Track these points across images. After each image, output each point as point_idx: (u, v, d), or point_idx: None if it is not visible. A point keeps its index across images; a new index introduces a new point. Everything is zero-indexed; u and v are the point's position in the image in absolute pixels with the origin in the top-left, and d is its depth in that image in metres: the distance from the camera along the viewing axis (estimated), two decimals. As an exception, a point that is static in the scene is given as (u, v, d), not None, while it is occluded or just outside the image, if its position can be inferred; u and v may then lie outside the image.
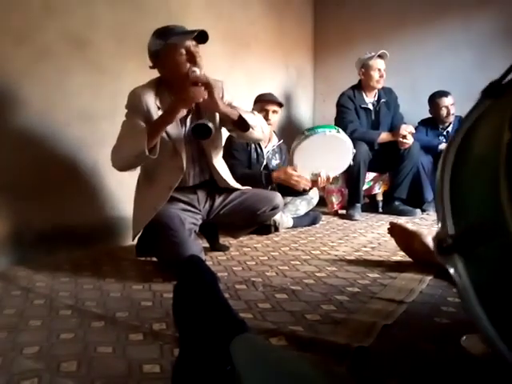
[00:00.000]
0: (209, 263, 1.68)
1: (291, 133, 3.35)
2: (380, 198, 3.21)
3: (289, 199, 2.59)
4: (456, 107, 3.02)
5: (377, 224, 2.63)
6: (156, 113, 1.63)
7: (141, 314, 1.18)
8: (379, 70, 2.94)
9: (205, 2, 2.68)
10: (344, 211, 2.97)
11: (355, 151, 2.72)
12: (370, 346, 0.93)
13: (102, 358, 0.92)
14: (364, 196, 3.02)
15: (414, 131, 2.91)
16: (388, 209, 3.01)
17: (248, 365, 0.68)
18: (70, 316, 1.18)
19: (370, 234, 2.31)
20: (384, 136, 2.92)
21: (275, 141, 2.69)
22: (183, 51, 1.59)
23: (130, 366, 0.88)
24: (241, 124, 1.68)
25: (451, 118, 3.07)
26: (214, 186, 1.82)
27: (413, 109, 3.23)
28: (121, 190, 2.13)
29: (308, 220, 2.63)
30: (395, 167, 2.95)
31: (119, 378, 0.84)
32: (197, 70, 1.54)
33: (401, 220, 2.57)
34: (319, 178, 2.51)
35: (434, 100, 3.08)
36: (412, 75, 3.42)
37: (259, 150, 2.55)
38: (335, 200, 3.04)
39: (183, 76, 1.57)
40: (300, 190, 2.45)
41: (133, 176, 1.80)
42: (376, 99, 3.05)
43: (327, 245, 2.05)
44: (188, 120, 1.72)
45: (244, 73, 3.02)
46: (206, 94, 1.53)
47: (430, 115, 3.16)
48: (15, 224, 1.78)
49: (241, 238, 2.15)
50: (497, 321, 0.45)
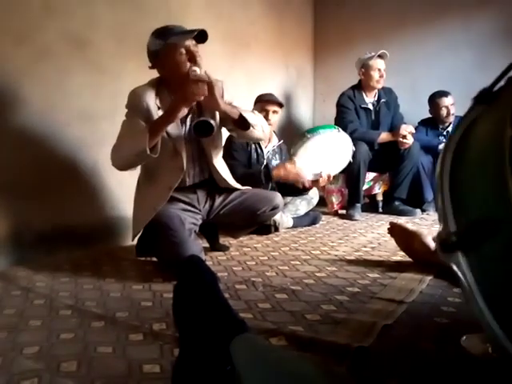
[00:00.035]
0: (209, 263, 1.68)
1: (291, 133, 3.36)
2: (380, 198, 3.21)
3: (289, 199, 2.60)
4: (456, 107, 3.02)
5: (377, 224, 2.63)
6: (156, 112, 1.63)
7: (141, 314, 1.18)
8: (379, 70, 2.95)
9: (205, 2, 2.68)
10: (344, 211, 2.97)
11: (355, 151, 2.73)
12: (370, 346, 0.93)
13: (102, 358, 0.92)
14: (364, 196, 3.02)
15: (414, 131, 2.91)
16: (388, 209, 3.01)
17: (248, 365, 0.68)
18: (70, 316, 1.18)
19: (370, 234, 2.31)
20: (384, 136, 2.92)
21: (275, 141, 2.69)
22: (183, 51, 1.59)
23: (130, 366, 0.88)
24: (241, 123, 1.68)
25: (451, 118, 3.07)
26: (214, 186, 1.82)
27: (413, 109, 3.23)
28: (121, 190, 2.13)
29: (308, 220, 2.63)
30: (395, 167, 2.95)
31: (119, 378, 0.84)
32: (197, 70, 1.54)
33: (401, 220, 2.57)
34: (320, 179, 2.51)
35: (434, 100, 3.08)
36: (412, 75, 3.42)
37: (259, 151, 2.55)
38: (335, 200, 3.04)
39: (183, 75, 1.56)
40: (300, 186, 2.45)
41: (133, 176, 1.80)
42: (376, 99, 3.05)
43: (327, 245, 2.06)
44: (188, 119, 1.72)
45: (244, 73, 3.02)
46: (207, 92, 1.54)
47: (430, 115, 3.16)
48: (15, 224, 1.78)
49: (241, 238, 2.15)
50: (502, 318, 0.45)
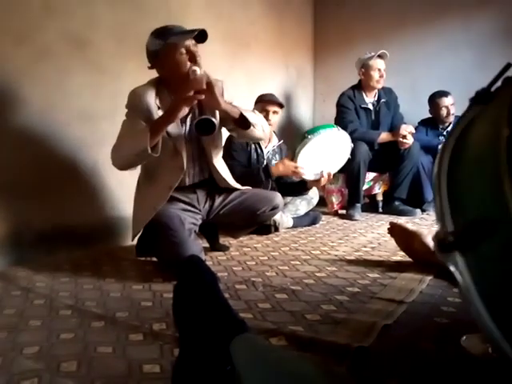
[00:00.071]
0: (209, 263, 1.68)
1: (291, 133, 3.36)
2: (380, 198, 3.21)
3: (289, 199, 2.60)
4: (456, 107, 3.01)
5: (377, 224, 2.63)
6: (156, 112, 1.63)
7: (141, 314, 1.18)
8: (379, 70, 2.94)
9: (205, 2, 2.68)
10: (344, 211, 2.96)
11: (355, 151, 2.74)
12: (370, 346, 0.93)
13: (102, 358, 0.92)
14: (364, 196, 3.02)
15: (414, 131, 2.91)
16: (388, 209, 3.01)
17: (248, 365, 0.68)
18: (70, 316, 1.18)
19: (370, 234, 2.31)
20: (384, 136, 2.92)
21: (275, 141, 2.69)
22: (183, 50, 1.59)
23: (130, 366, 0.88)
24: (242, 122, 1.68)
25: (451, 118, 3.06)
26: (214, 186, 1.82)
27: (413, 109, 3.23)
28: (121, 190, 2.13)
29: (308, 220, 2.63)
30: (395, 167, 2.94)
31: (119, 378, 0.84)
32: (197, 69, 1.54)
33: (401, 220, 2.57)
34: (322, 178, 2.51)
35: (434, 100, 3.08)
36: (412, 75, 3.42)
37: (259, 151, 2.55)
38: (335, 200, 3.04)
39: (184, 75, 1.57)
40: (300, 180, 2.46)
41: (133, 176, 1.80)
42: (376, 99, 3.05)
43: (327, 245, 2.06)
44: (188, 119, 1.72)
45: (244, 73, 3.02)
46: (209, 92, 1.54)
47: (430, 115, 3.16)
48: (15, 224, 1.78)
49: (241, 238, 2.15)
50: (500, 319, 0.45)
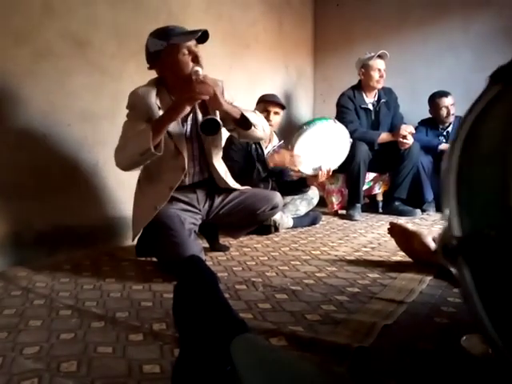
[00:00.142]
0: (209, 263, 1.68)
1: (291, 133, 3.35)
2: (380, 198, 3.21)
3: (289, 199, 2.60)
4: (456, 107, 3.02)
5: (377, 224, 2.63)
6: (157, 112, 1.63)
7: (141, 315, 1.18)
8: (379, 70, 2.94)
9: (205, 3, 2.68)
10: (344, 211, 2.97)
11: (355, 151, 2.74)
12: (370, 346, 0.93)
13: (102, 358, 0.92)
14: (364, 196, 3.02)
15: (414, 131, 2.91)
16: (388, 209, 3.01)
17: (248, 365, 0.68)
18: (70, 316, 1.18)
19: (370, 235, 2.31)
20: (384, 136, 2.92)
21: (276, 141, 2.70)
22: (185, 51, 1.60)
23: (130, 366, 0.88)
24: (243, 123, 1.68)
25: (451, 119, 3.07)
26: (213, 186, 1.82)
27: (413, 109, 3.23)
28: (121, 190, 2.13)
29: (308, 220, 2.63)
30: (395, 167, 2.94)
31: (119, 378, 0.84)
32: (199, 70, 1.55)
33: (401, 220, 2.57)
34: (320, 172, 2.51)
35: (434, 100, 3.08)
36: (412, 75, 3.42)
37: (259, 151, 2.54)
38: (335, 200, 3.04)
39: (186, 75, 1.57)
40: (296, 170, 2.48)
41: (133, 176, 1.80)
42: (376, 99, 3.05)
43: (327, 245, 2.06)
44: (189, 119, 1.72)
45: (244, 73, 3.02)
46: (212, 92, 1.54)
47: (430, 115, 3.16)
48: (15, 224, 1.78)
49: (241, 239, 2.15)
50: (501, 326, 0.45)
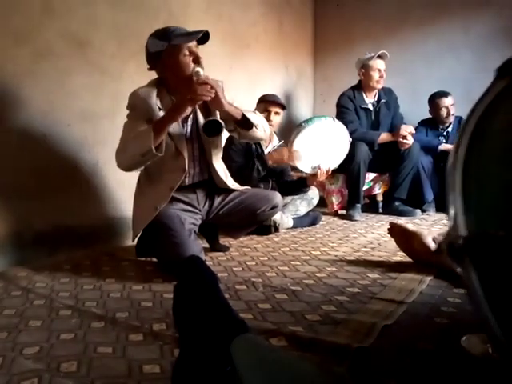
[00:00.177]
0: (209, 263, 1.68)
1: (291, 133, 3.35)
2: (380, 199, 3.21)
3: (289, 199, 2.60)
4: (456, 108, 3.02)
5: (377, 224, 2.63)
6: (157, 113, 1.63)
7: (141, 315, 1.18)
8: (379, 71, 2.94)
9: (205, 3, 2.68)
10: (344, 212, 2.96)
11: (355, 151, 2.74)
12: (370, 347, 0.93)
13: (102, 359, 0.92)
14: (364, 196, 3.02)
15: (414, 131, 2.91)
16: (388, 209, 3.00)
17: (248, 365, 0.68)
18: (70, 316, 1.18)
19: (370, 235, 2.31)
20: (384, 136, 2.92)
21: (276, 141, 2.70)
22: (186, 52, 1.60)
23: (130, 367, 0.88)
24: (244, 123, 1.68)
25: (451, 119, 3.07)
26: (213, 186, 1.82)
27: (413, 109, 3.23)
28: (121, 190, 2.13)
29: (308, 220, 2.63)
30: (395, 167, 2.94)
31: (119, 379, 0.84)
32: (200, 71, 1.55)
33: (401, 220, 2.57)
34: (319, 171, 2.51)
35: (434, 100, 3.08)
36: (412, 76, 3.42)
37: (260, 151, 2.55)
38: (335, 200, 3.04)
39: (187, 76, 1.57)
40: (295, 166, 2.47)
41: (133, 176, 1.80)
42: (376, 99, 3.05)
43: (327, 245, 2.06)
44: (189, 120, 1.72)
45: (244, 73, 3.02)
46: (214, 93, 1.54)
47: (430, 115, 3.16)
48: (15, 224, 1.78)
49: (241, 239, 2.15)
50: (507, 327, 0.44)
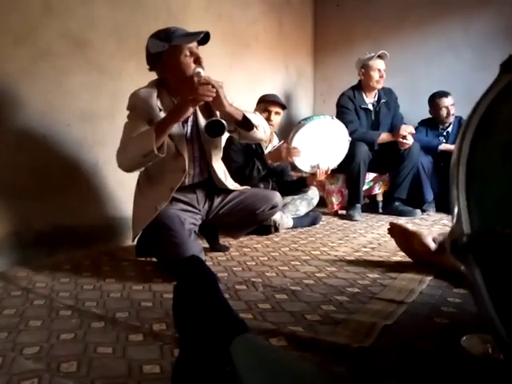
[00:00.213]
0: (209, 263, 1.68)
1: (291, 131, 3.35)
2: (380, 199, 3.21)
3: (289, 199, 2.60)
4: (456, 107, 3.02)
5: (377, 224, 2.63)
6: (158, 114, 1.63)
7: (141, 315, 1.18)
8: (379, 71, 2.94)
9: (205, 2, 2.68)
10: (344, 212, 2.96)
11: (355, 151, 2.74)
12: (370, 347, 0.93)
13: (102, 359, 0.92)
14: (364, 196, 3.02)
15: (414, 131, 2.91)
16: (388, 209, 3.00)
17: (248, 365, 0.68)
18: (70, 316, 1.18)
19: (370, 235, 2.31)
20: (384, 136, 2.92)
21: (276, 141, 2.70)
22: (187, 52, 1.60)
23: (130, 367, 0.88)
24: (244, 124, 1.68)
25: (451, 119, 3.07)
26: (213, 186, 1.82)
27: (413, 109, 3.23)
28: (121, 190, 2.13)
29: (308, 220, 2.63)
30: (395, 167, 2.94)
31: (119, 379, 0.84)
32: (201, 71, 1.54)
33: (401, 220, 2.57)
34: (318, 170, 2.51)
35: (434, 100, 3.08)
36: (412, 75, 3.42)
37: (260, 151, 2.54)
38: (335, 200, 3.04)
39: (188, 77, 1.57)
40: (293, 163, 2.47)
41: (133, 176, 1.79)
42: (376, 99, 3.05)
43: (327, 245, 2.05)
44: (189, 120, 1.72)
45: (244, 73, 3.02)
46: (215, 93, 1.54)
47: (430, 115, 3.16)
48: (15, 224, 1.78)
49: (241, 239, 2.15)
50: (511, 326, 0.44)
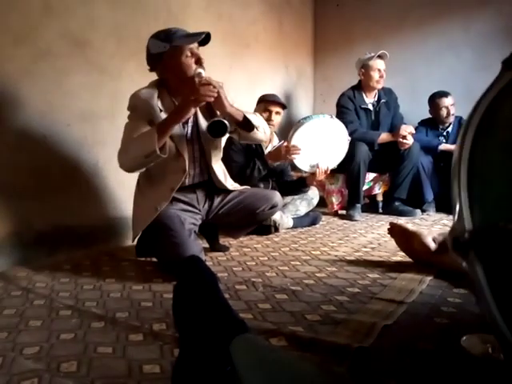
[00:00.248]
0: (209, 263, 1.68)
1: (290, 130, 3.35)
2: (380, 199, 3.21)
3: (289, 199, 2.60)
4: (456, 107, 3.02)
5: (377, 224, 2.63)
6: (159, 114, 1.63)
7: (141, 315, 1.18)
8: (379, 71, 2.94)
9: (205, 2, 2.68)
10: (344, 212, 2.96)
11: (355, 151, 2.74)
12: (370, 347, 0.93)
13: (102, 359, 0.92)
14: (364, 196, 3.02)
15: (414, 131, 2.91)
16: (388, 209, 3.00)
17: (248, 365, 0.68)
18: (70, 316, 1.18)
19: (370, 235, 2.31)
20: (384, 136, 2.91)
21: (276, 141, 2.70)
22: (189, 53, 1.60)
23: (130, 367, 0.88)
24: (245, 125, 1.68)
25: (451, 119, 3.07)
26: (213, 186, 1.82)
27: (413, 109, 3.23)
28: (121, 190, 2.13)
29: (308, 220, 2.62)
30: (395, 167, 2.94)
31: (119, 379, 0.84)
32: (202, 72, 1.55)
33: (401, 220, 2.57)
34: (317, 169, 2.51)
35: (434, 100, 3.08)
36: (412, 75, 3.42)
37: (260, 151, 2.54)
38: (335, 200, 3.04)
39: (189, 77, 1.57)
40: (293, 161, 2.48)
41: (133, 176, 1.79)
42: (376, 99, 3.05)
43: (327, 245, 2.05)
44: (190, 121, 1.72)
45: (244, 73, 3.02)
46: (216, 94, 1.54)
47: (430, 115, 3.16)
48: (15, 224, 1.78)
49: (241, 239, 2.15)
50: None
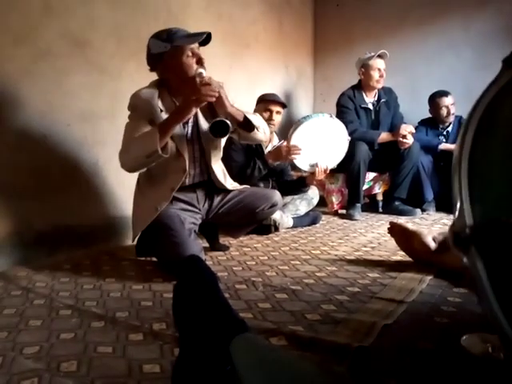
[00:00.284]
0: (209, 263, 1.68)
1: (290, 130, 3.35)
2: (380, 198, 3.21)
3: (289, 199, 2.60)
4: (456, 107, 3.02)
5: (377, 224, 2.63)
6: (159, 115, 1.63)
7: (141, 314, 1.18)
8: (379, 70, 2.94)
9: (205, 2, 2.68)
10: (344, 211, 2.96)
11: (355, 151, 2.73)
12: (370, 346, 0.93)
13: (102, 358, 0.92)
14: (364, 196, 3.02)
15: (414, 131, 2.91)
16: (388, 209, 3.00)
17: (248, 365, 0.68)
18: (70, 316, 1.18)
19: (370, 234, 2.31)
20: (384, 136, 2.91)
21: (276, 141, 2.70)
22: (190, 53, 1.60)
23: (130, 366, 0.88)
24: (245, 125, 1.68)
25: (451, 118, 3.07)
26: (213, 186, 1.82)
27: (413, 109, 3.23)
28: (121, 190, 2.13)
29: (308, 220, 2.62)
30: (395, 167, 2.94)
31: (119, 378, 0.84)
32: (203, 72, 1.54)
33: (401, 220, 2.57)
34: (317, 169, 2.51)
35: (434, 100, 3.08)
36: (412, 75, 3.42)
37: (260, 151, 2.54)
38: (335, 200, 3.04)
39: (190, 77, 1.57)
40: (293, 161, 2.48)
41: (133, 176, 1.79)
42: (376, 99, 3.05)
43: (327, 245, 2.06)
44: (190, 121, 1.72)
45: (244, 73, 3.02)
46: (217, 94, 1.54)
47: (430, 115, 3.16)
48: (15, 224, 1.78)
49: (241, 238, 2.15)
50: None
